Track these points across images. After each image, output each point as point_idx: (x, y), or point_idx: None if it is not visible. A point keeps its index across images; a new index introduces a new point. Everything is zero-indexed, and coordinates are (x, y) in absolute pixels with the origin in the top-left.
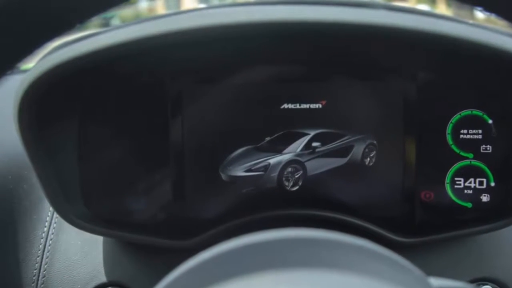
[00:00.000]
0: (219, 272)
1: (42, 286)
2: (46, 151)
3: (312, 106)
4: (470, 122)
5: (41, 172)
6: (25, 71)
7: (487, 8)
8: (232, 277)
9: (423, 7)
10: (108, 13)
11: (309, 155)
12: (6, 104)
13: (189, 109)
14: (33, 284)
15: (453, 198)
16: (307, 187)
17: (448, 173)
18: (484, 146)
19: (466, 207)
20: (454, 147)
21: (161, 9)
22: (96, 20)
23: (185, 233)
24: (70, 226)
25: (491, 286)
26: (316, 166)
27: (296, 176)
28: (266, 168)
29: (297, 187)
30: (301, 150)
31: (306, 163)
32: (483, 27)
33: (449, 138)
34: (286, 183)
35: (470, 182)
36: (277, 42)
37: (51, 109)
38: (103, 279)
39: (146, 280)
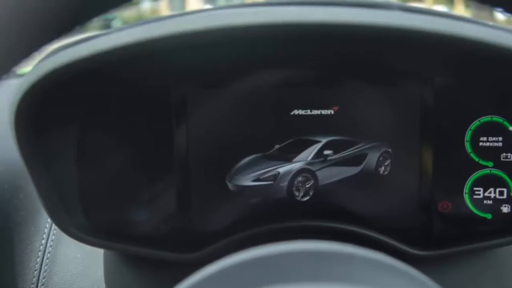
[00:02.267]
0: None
1: None
2: (44, 160)
3: (324, 112)
4: (490, 129)
5: (39, 182)
6: (22, 75)
7: (508, 9)
8: None
9: (440, 8)
10: (109, 14)
11: (321, 164)
12: (1, 109)
13: (194, 115)
14: None
15: (472, 209)
16: (318, 197)
17: (466, 182)
18: (504, 154)
19: (485, 218)
20: (473, 155)
21: (165, 10)
22: (96, 21)
23: (190, 245)
24: (69, 238)
25: None
26: (328, 175)
27: (307, 186)
28: (275, 177)
29: (308, 197)
30: (312, 158)
31: (317, 172)
32: (503, 29)
33: (467, 146)
34: (297, 193)
35: (490, 192)
36: (287, 45)
37: (49, 115)
38: None
39: None
